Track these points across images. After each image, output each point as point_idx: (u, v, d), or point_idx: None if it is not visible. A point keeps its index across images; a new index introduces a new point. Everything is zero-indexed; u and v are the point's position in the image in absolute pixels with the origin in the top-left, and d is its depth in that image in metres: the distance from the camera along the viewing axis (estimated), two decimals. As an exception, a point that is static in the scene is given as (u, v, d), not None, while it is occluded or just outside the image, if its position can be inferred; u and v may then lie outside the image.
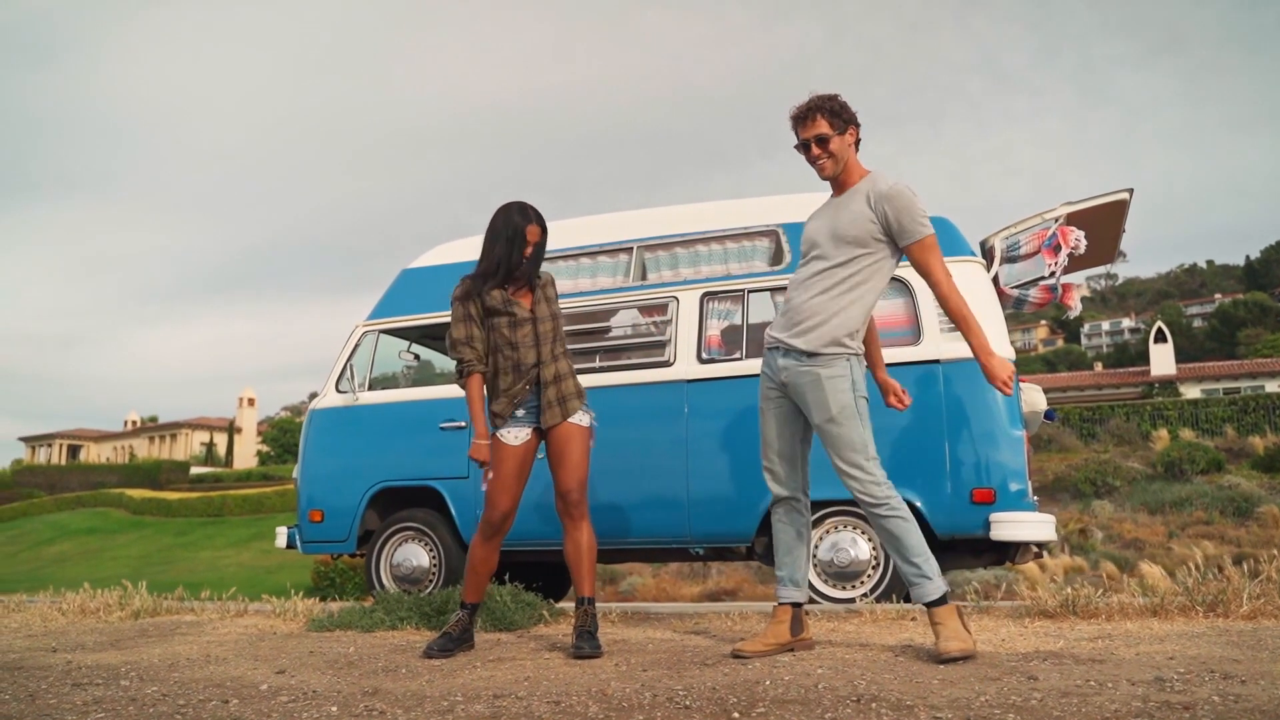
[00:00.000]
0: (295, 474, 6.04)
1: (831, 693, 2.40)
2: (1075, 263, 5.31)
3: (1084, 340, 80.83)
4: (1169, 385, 39.25)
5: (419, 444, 5.56)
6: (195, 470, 58.01)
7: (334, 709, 2.53)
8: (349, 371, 5.85)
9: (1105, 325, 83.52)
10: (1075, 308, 5.41)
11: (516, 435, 3.53)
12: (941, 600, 2.94)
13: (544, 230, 3.58)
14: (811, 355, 3.10)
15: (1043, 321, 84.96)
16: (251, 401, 75.69)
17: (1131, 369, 46.19)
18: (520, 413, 3.54)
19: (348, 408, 5.82)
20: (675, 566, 20.37)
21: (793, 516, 3.25)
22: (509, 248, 3.47)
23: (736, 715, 2.23)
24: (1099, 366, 57.60)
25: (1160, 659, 2.66)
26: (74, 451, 75.56)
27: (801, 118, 3.14)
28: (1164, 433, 27.01)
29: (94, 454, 75.58)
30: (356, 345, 5.94)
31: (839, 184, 3.21)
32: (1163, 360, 41.09)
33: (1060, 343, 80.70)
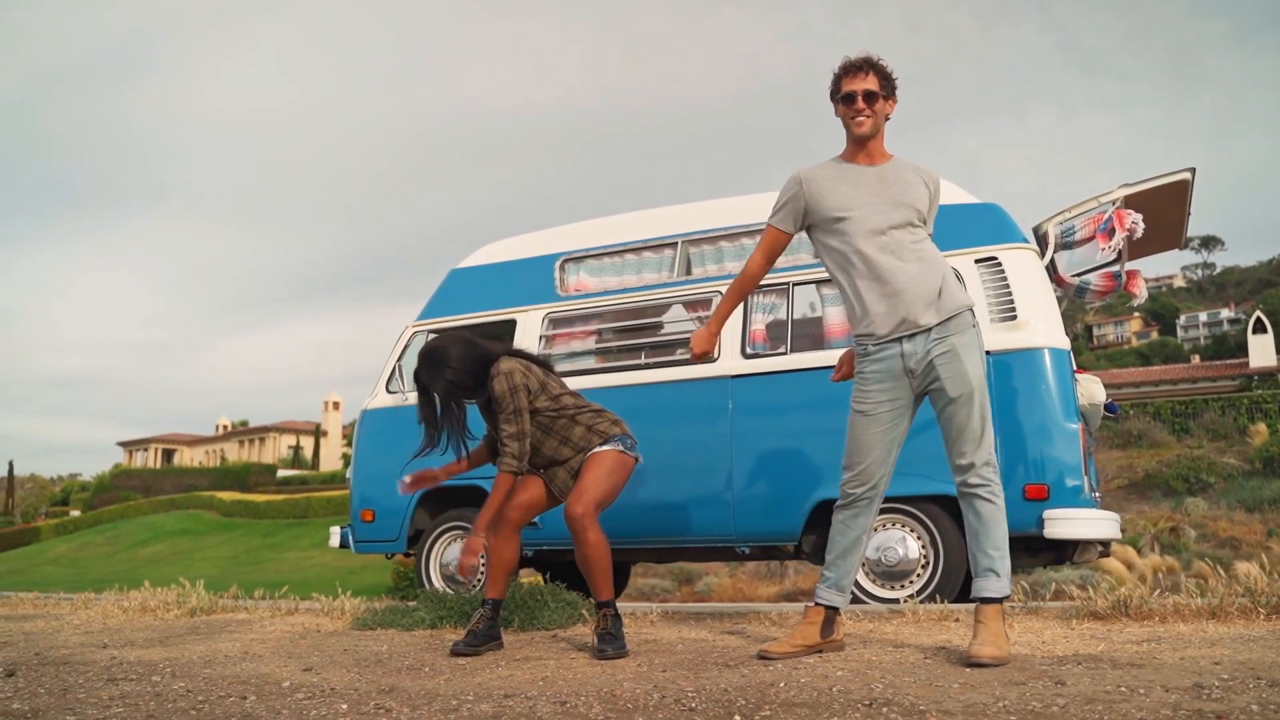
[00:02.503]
0: (348, 474, 6.13)
1: (844, 696, 2.30)
2: (1138, 248, 5.07)
3: (1180, 332, 77.74)
4: (1269, 378, 37.52)
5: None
6: (282, 473, 59.74)
7: (344, 706, 2.52)
8: (399, 372, 5.91)
9: (1203, 316, 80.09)
10: (1141, 295, 5.15)
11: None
12: (998, 600, 2.81)
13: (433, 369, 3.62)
14: (945, 324, 2.93)
15: (1136, 313, 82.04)
16: (336, 405, 77.57)
17: (1229, 361, 44.34)
18: None
19: (398, 408, 5.87)
20: (752, 567, 20.22)
21: (858, 521, 3.05)
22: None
23: (739, 718, 2.15)
24: (1195, 359, 55.39)
25: (1205, 664, 2.49)
26: (168, 455, 78.46)
27: (856, 68, 3.01)
28: (1262, 427, 25.82)
29: (187, 457, 78.36)
30: (406, 346, 6.00)
31: (868, 152, 3.08)
32: (1262, 351, 39.30)
33: (1155, 335, 77.83)
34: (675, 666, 2.90)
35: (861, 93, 3.00)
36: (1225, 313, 78.54)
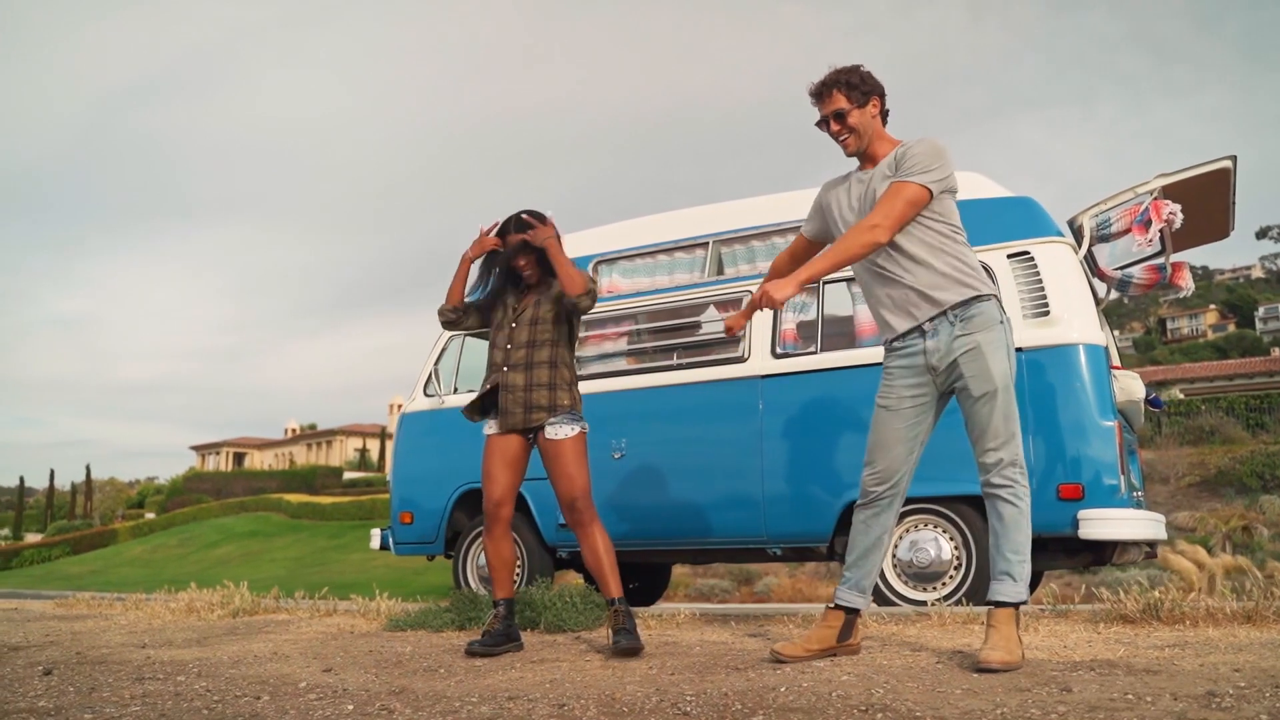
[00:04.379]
0: (389, 477, 6.22)
1: (842, 701, 2.26)
2: (1182, 239, 4.91)
3: (1259, 324, 75.06)
4: (1352, 370, 36.05)
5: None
6: (348, 475, 60.81)
7: (350, 707, 2.56)
8: (436, 376, 5.98)
9: (1285, 307, 77.27)
10: (1186, 288, 4.99)
11: (496, 426, 3.61)
12: (1013, 605, 2.75)
13: (539, 222, 3.59)
14: (965, 320, 2.85)
15: (1212, 305, 79.53)
16: (401, 407, 78.71)
17: (1310, 354, 42.66)
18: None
19: (435, 411, 5.95)
20: (812, 566, 20.04)
21: (879, 520, 3.00)
22: (484, 270, 3.68)
23: (730, 723, 2.13)
24: (1276, 352, 53.44)
25: (1225, 670, 2.40)
26: (239, 459, 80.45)
27: (818, 94, 2.98)
28: (1343, 422, 24.82)
29: (257, 461, 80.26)
30: (443, 350, 6.06)
31: (867, 157, 3.03)
32: (1344, 343, 37.75)
33: (1232, 328, 75.29)
34: (685, 669, 2.89)
35: (831, 116, 2.98)
36: (1309, 303, 75.63)
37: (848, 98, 2.94)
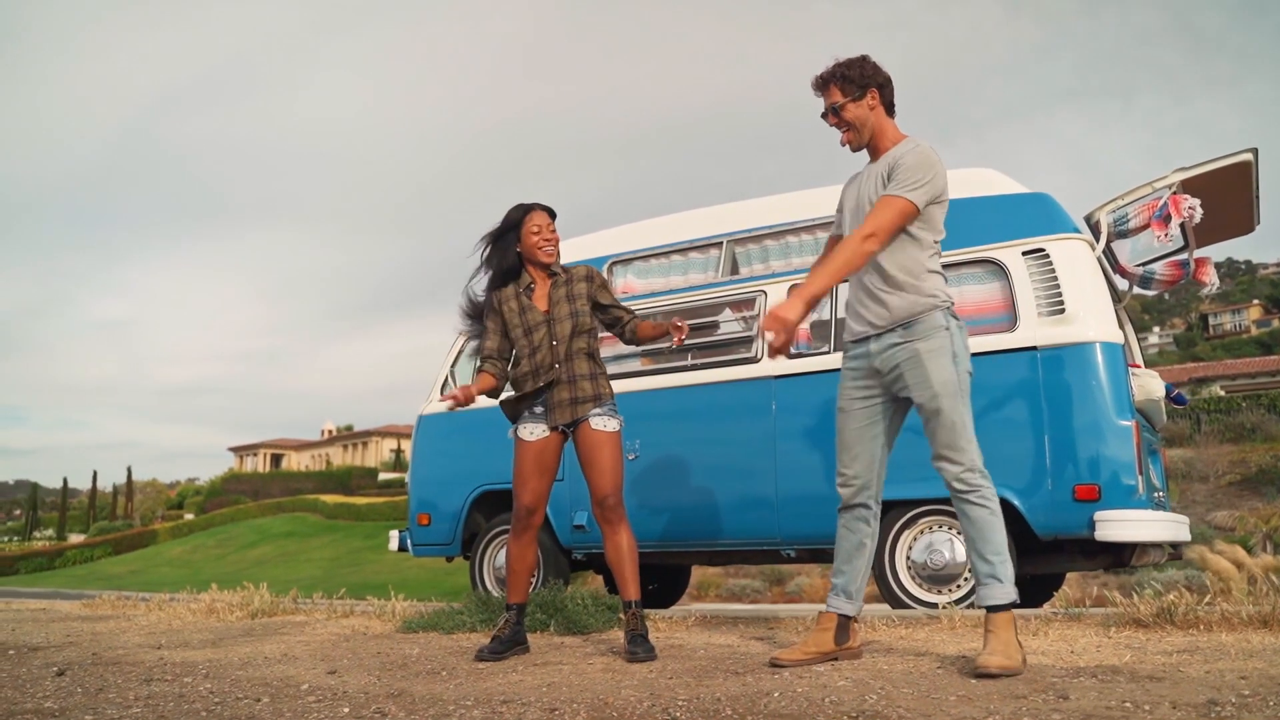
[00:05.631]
0: (407, 478, 6.25)
1: (834, 707, 2.23)
2: (1206, 234, 4.81)
3: (1305, 320, 73.59)
4: (1400, 366, 35.19)
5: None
6: (383, 475, 61.30)
7: (346, 709, 2.56)
8: (452, 378, 6.00)
9: (1331, 303, 75.71)
10: (1211, 283, 4.89)
11: (532, 431, 3.53)
12: (1005, 607, 2.71)
13: (552, 215, 3.58)
14: (906, 327, 2.87)
15: (1255, 301, 78.06)
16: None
17: (1356, 349, 41.72)
18: (539, 409, 3.53)
19: (452, 413, 5.96)
20: (840, 567, 19.89)
21: (858, 525, 3.03)
22: (500, 249, 3.52)
23: (717, 729, 2.11)
24: (1319, 348, 52.33)
25: (1231, 677, 2.34)
26: (276, 460, 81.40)
27: (817, 89, 2.96)
28: (1390, 418, 24.23)
29: (294, 462, 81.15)
30: (460, 351, 6.08)
31: (873, 150, 2.99)
32: (1392, 338, 36.88)
33: (1276, 323, 73.82)
34: (684, 674, 2.87)
35: (828, 110, 2.95)
36: (1354, 298, 74.01)
37: (843, 91, 2.90)
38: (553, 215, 3.57)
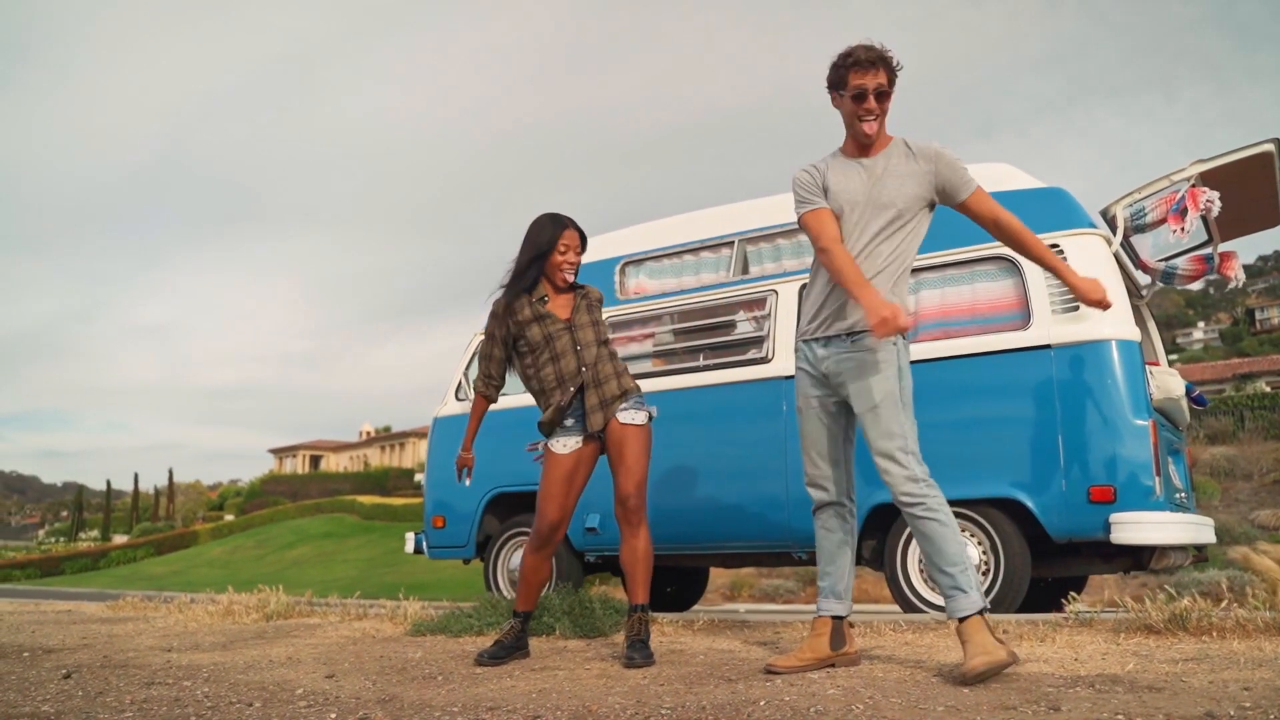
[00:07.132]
0: (422, 480, 6.26)
1: (819, 716, 2.18)
2: (1231, 227, 4.68)
3: (1350, 316, 71.75)
4: None
5: (532, 449, 5.62)
6: (419, 476, 61.75)
7: (333, 715, 2.56)
8: (466, 380, 6.00)
9: (1376, 297, 73.72)
10: (1236, 278, 4.76)
11: (565, 444, 3.49)
12: (974, 615, 2.65)
13: (583, 236, 3.54)
14: (854, 338, 2.85)
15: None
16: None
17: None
18: (569, 421, 3.50)
19: (466, 415, 5.95)
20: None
21: (836, 523, 3.02)
22: (531, 259, 3.45)
23: (695, 739, 2.07)
24: (1369, 342, 51.02)
25: (1235, 688, 2.26)
26: (315, 461, 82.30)
27: (869, 64, 2.79)
28: None
29: (333, 463, 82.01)
30: (474, 355, 6.08)
31: (868, 144, 2.92)
32: None
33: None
34: (677, 680, 2.83)
35: (873, 90, 2.83)
36: (1406, 291, 72.03)
37: (889, 78, 2.84)
38: (583, 237, 3.55)
